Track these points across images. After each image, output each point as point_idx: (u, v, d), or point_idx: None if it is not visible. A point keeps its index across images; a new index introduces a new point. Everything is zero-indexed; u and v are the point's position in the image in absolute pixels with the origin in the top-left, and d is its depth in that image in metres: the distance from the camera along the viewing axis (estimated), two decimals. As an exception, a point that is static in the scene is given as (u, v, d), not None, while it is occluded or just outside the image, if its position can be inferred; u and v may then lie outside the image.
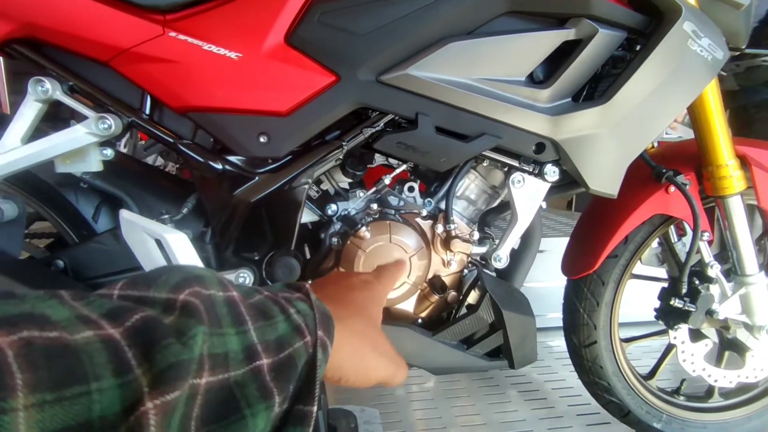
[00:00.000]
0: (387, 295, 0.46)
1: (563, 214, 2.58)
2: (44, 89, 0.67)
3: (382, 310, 0.44)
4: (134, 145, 1.30)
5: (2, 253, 0.70)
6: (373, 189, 0.81)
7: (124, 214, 0.70)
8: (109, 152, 0.72)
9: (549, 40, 0.72)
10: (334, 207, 0.81)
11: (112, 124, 0.68)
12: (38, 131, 0.70)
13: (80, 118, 0.69)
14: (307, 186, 0.74)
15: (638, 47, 0.76)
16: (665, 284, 1.03)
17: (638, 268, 1.04)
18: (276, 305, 0.30)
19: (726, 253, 0.97)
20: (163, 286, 0.24)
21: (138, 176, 0.80)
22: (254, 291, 0.30)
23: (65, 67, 0.69)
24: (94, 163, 0.71)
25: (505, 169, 0.81)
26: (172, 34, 0.67)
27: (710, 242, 0.96)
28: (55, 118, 0.75)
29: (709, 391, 1.09)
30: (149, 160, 1.51)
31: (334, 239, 0.80)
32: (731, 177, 0.88)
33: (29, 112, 0.68)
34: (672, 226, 1.00)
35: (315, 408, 0.29)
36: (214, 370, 0.23)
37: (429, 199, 0.83)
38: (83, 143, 0.68)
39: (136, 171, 0.82)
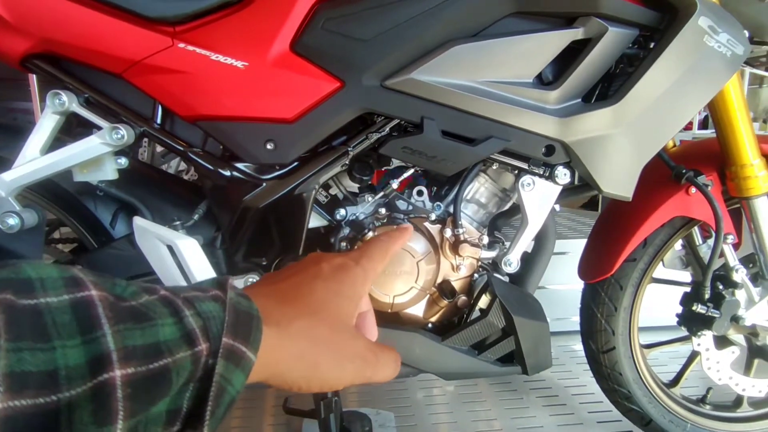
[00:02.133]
0: (370, 278, 0.38)
1: (588, 215, 2.51)
2: (61, 102, 0.70)
3: (358, 301, 0.37)
4: (152, 153, 1.34)
5: (23, 258, 0.73)
6: (382, 193, 0.81)
7: (138, 221, 0.72)
8: (123, 161, 0.75)
9: (557, 41, 0.70)
10: (342, 212, 0.81)
11: (125, 133, 0.70)
12: (57, 141, 0.73)
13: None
14: (314, 191, 0.75)
15: (652, 44, 0.73)
16: (688, 288, 0.99)
17: (659, 271, 1.00)
18: (168, 306, 0.25)
19: (753, 256, 0.92)
20: None
21: (151, 183, 0.82)
22: (145, 291, 0.25)
23: (81, 80, 0.72)
24: (109, 172, 0.74)
25: (515, 172, 0.80)
26: (181, 45, 0.69)
27: (736, 245, 0.92)
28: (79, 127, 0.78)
29: (738, 401, 1.04)
30: (171, 165, 1.55)
31: (343, 244, 0.80)
32: (756, 177, 0.84)
33: (48, 123, 0.71)
34: (696, 228, 0.96)
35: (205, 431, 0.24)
36: (21, 392, 0.19)
37: (438, 202, 0.83)
38: (98, 153, 0.71)
39: (150, 178, 0.84)
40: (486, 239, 0.81)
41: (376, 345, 0.37)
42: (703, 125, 3.94)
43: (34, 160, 0.70)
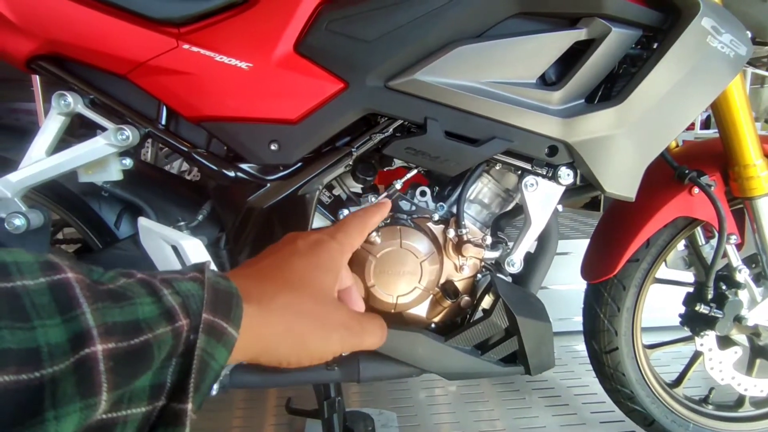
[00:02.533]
0: (347, 251, 0.39)
1: (590, 215, 2.51)
2: (66, 103, 0.70)
3: (337, 273, 0.37)
4: (156, 153, 1.35)
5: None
6: (385, 194, 0.81)
7: (143, 222, 0.73)
8: (128, 162, 0.75)
9: (560, 41, 0.70)
10: (346, 212, 0.81)
11: (130, 134, 0.70)
12: (62, 143, 0.73)
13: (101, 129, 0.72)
14: (317, 192, 0.75)
15: (655, 45, 0.73)
16: (690, 289, 0.99)
17: (662, 272, 1.00)
18: (145, 287, 0.25)
19: (756, 256, 0.92)
20: None
21: (156, 184, 0.82)
22: (123, 275, 0.26)
23: (86, 81, 0.72)
24: (114, 173, 0.74)
25: (518, 172, 0.80)
26: (186, 46, 0.69)
27: (739, 245, 0.92)
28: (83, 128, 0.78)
29: (740, 400, 1.04)
30: (174, 166, 1.56)
31: (346, 244, 0.80)
32: (759, 177, 0.85)
33: (53, 125, 0.71)
34: (699, 229, 0.96)
35: (189, 405, 0.25)
36: (3, 369, 0.19)
37: (441, 203, 0.83)
38: (103, 154, 0.71)
39: (155, 179, 0.84)
40: (489, 239, 0.82)
41: (359, 313, 0.38)
42: (706, 125, 3.93)
43: (39, 161, 0.70)
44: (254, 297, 0.30)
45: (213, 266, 0.30)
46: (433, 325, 0.86)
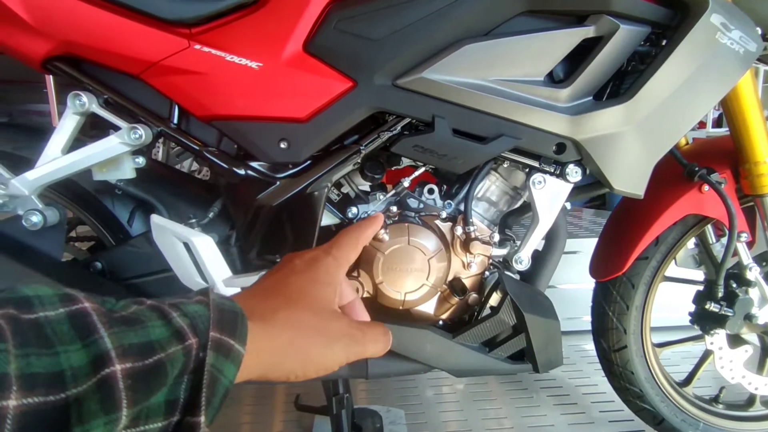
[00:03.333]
0: (343, 265, 0.40)
1: (599, 214, 2.50)
2: (82, 103, 0.71)
3: (335, 287, 0.39)
4: (167, 152, 1.36)
5: (46, 255, 0.75)
6: (393, 191, 0.82)
7: (155, 219, 0.74)
8: (141, 160, 0.77)
9: (568, 39, 0.70)
10: (354, 210, 0.82)
11: (143, 133, 0.72)
12: (77, 142, 0.75)
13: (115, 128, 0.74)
14: (326, 190, 0.76)
15: (664, 42, 0.73)
16: (701, 287, 0.99)
17: (672, 270, 1.00)
18: (155, 312, 0.27)
19: (767, 254, 0.92)
20: None
21: (168, 182, 0.84)
22: (133, 303, 0.28)
23: (101, 81, 0.73)
24: (127, 171, 0.75)
25: (526, 170, 0.80)
26: (197, 46, 0.70)
27: (749, 243, 0.91)
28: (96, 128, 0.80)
29: (751, 400, 1.03)
30: (184, 165, 1.58)
31: (355, 241, 0.81)
32: (770, 175, 0.84)
33: (69, 124, 0.73)
34: (710, 227, 0.96)
35: (202, 419, 0.26)
36: (32, 391, 0.21)
37: (449, 201, 0.83)
38: (117, 152, 0.73)
39: (167, 177, 0.86)
40: (497, 237, 0.82)
41: (361, 322, 0.39)
42: (717, 124, 3.89)
43: (55, 159, 0.72)
44: (258, 314, 0.32)
45: (217, 290, 0.32)
46: (440, 322, 0.86)
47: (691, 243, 1.00)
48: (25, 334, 0.22)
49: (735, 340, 0.97)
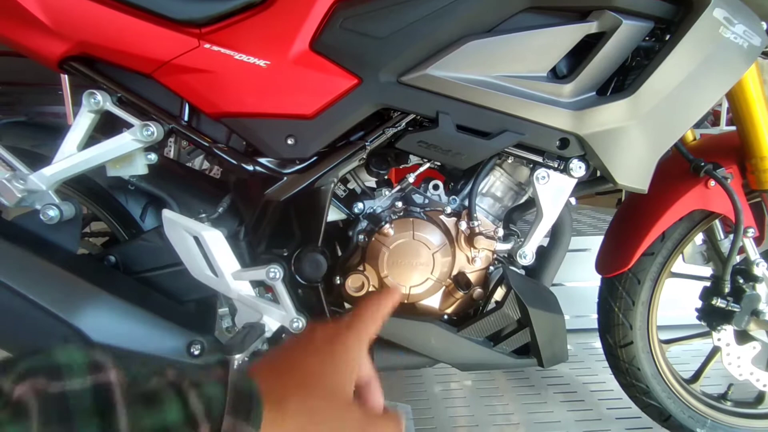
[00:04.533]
0: (364, 341, 0.40)
1: (609, 212, 2.48)
2: (96, 101, 0.74)
3: (353, 370, 0.38)
4: (179, 150, 1.39)
5: (62, 249, 0.78)
6: (398, 187, 0.83)
7: (167, 214, 0.76)
8: (153, 157, 0.79)
9: (571, 35, 0.71)
10: (360, 205, 0.83)
11: (154, 130, 0.74)
12: (91, 139, 0.77)
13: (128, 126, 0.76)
14: (332, 185, 0.77)
15: (667, 37, 0.73)
16: (708, 283, 0.98)
17: (678, 266, 1.00)
18: (173, 390, 0.28)
19: (774, 250, 0.91)
20: (10, 374, 0.25)
21: (179, 178, 0.86)
22: (155, 374, 0.29)
23: (114, 80, 0.76)
24: (140, 167, 0.78)
25: (530, 165, 0.81)
26: (207, 45, 0.72)
27: (757, 239, 0.91)
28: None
29: (759, 397, 1.03)
30: (195, 163, 1.61)
31: (361, 236, 0.83)
32: (777, 170, 0.84)
33: (84, 121, 0.75)
34: (718, 222, 0.96)
35: None
36: None
37: (454, 196, 0.84)
38: (130, 149, 0.75)
39: (178, 174, 0.88)
40: (501, 232, 0.83)
41: (375, 415, 0.39)
42: (731, 122, 3.83)
43: (71, 156, 0.75)
44: (272, 397, 0.32)
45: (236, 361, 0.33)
46: (445, 317, 0.87)
47: (699, 239, 1.00)
48: (49, 412, 0.24)
49: (743, 337, 0.96)
